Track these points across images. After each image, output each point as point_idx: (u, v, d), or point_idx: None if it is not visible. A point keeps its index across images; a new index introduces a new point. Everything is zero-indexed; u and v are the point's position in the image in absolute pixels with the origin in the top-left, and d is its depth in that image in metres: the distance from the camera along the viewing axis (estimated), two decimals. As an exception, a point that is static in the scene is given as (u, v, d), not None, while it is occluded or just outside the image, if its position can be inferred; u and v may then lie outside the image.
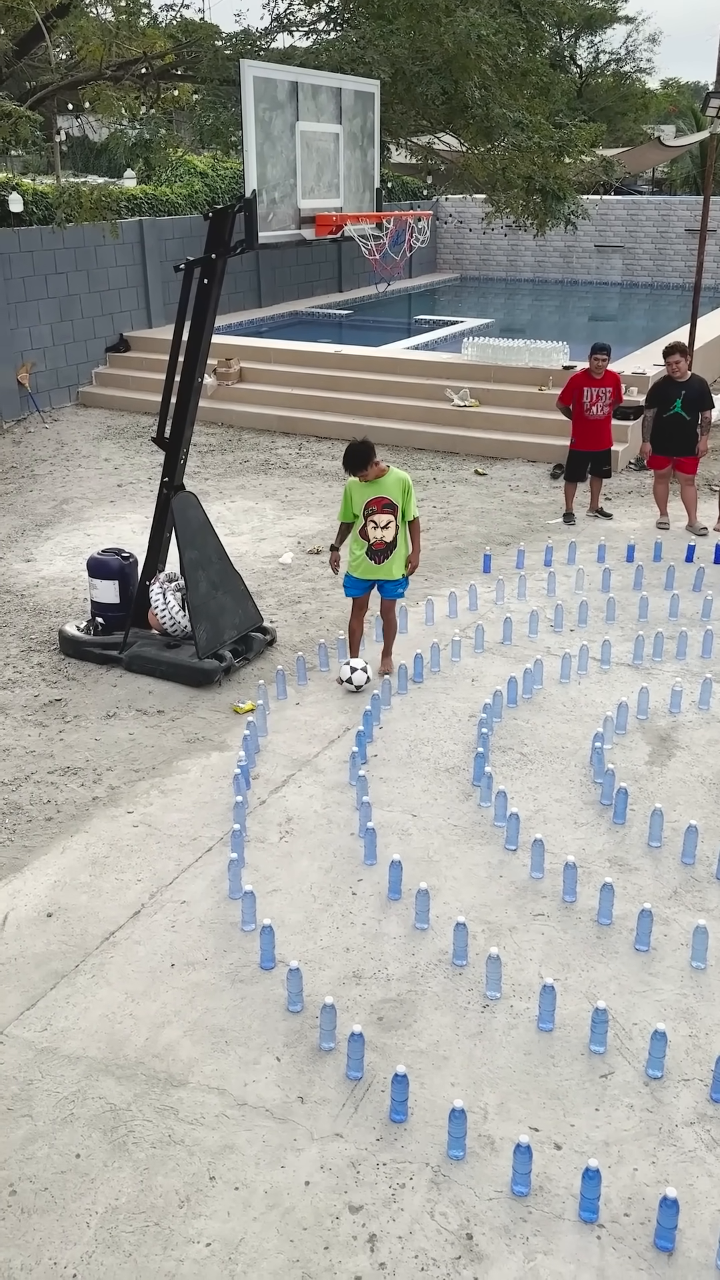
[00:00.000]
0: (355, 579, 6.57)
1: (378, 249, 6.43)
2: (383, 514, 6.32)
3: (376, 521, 6.32)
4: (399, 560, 6.47)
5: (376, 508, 6.31)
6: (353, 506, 6.37)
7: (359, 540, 6.40)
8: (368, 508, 6.30)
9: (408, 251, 6.59)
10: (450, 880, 4.84)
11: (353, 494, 6.35)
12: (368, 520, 6.32)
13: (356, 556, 6.46)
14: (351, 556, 6.50)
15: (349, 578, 6.61)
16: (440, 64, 10.82)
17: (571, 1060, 3.86)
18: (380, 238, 6.44)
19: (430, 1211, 3.32)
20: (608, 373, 9.33)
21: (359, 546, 6.42)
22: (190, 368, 6.61)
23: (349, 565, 6.56)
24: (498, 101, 11.40)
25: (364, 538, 6.37)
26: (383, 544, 6.37)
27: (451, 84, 10.90)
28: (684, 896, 4.74)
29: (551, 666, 6.87)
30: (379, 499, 6.30)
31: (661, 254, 22.76)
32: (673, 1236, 3.20)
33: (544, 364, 12.87)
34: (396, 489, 6.32)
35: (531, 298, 22.41)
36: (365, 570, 6.47)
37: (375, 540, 6.35)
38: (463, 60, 10.67)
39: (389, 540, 6.37)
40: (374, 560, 6.42)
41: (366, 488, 6.30)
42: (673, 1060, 3.84)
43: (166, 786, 5.62)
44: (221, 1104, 3.68)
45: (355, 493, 6.34)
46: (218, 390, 13.59)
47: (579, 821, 5.30)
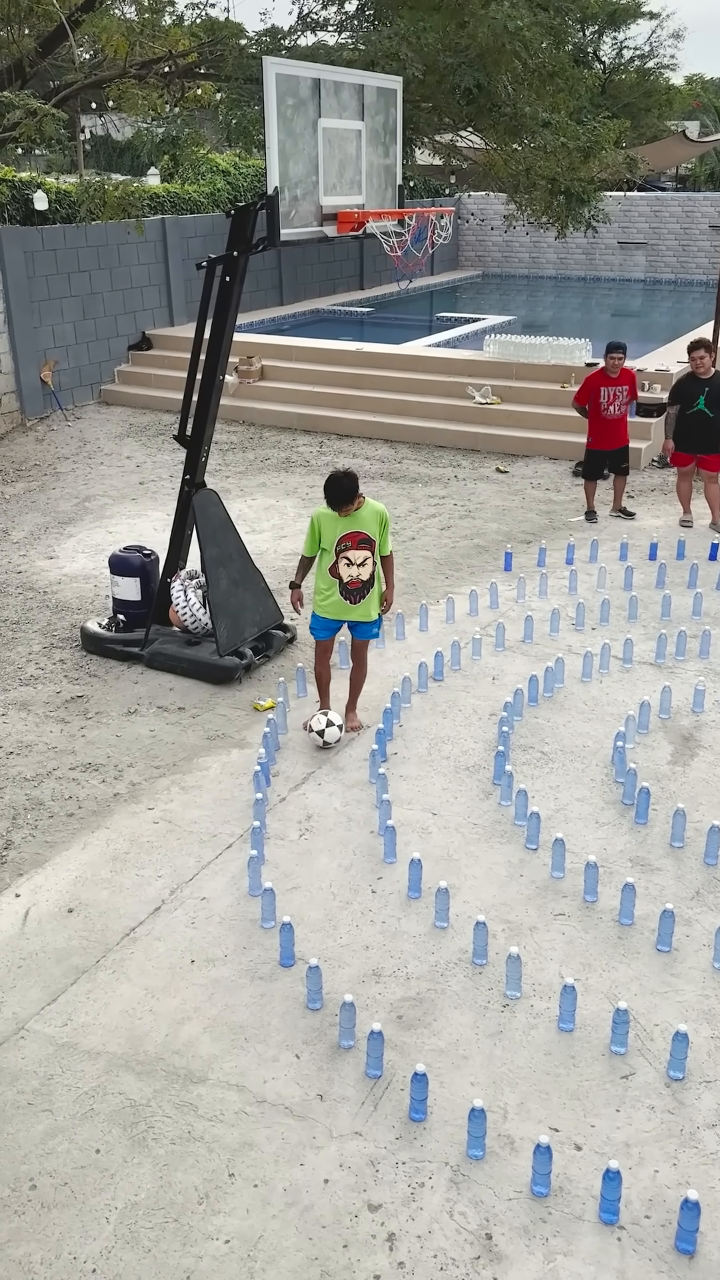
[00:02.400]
0: (325, 619, 5.91)
1: (399, 246, 6.41)
2: (359, 550, 5.69)
3: (351, 559, 5.68)
4: (375, 599, 5.86)
5: (352, 543, 5.67)
6: (321, 540, 5.74)
7: (328, 578, 5.75)
8: (341, 543, 5.65)
9: (429, 248, 6.57)
10: (470, 879, 4.82)
11: (322, 527, 5.71)
12: (340, 557, 5.68)
13: (326, 594, 5.81)
14: (318, 594, 5.87)
15: (316, 618, 5.95)
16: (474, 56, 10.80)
17: (592, 1061, 3.84)
18: (402, 234, 6.43)
19: (449, 1211, 3.31)
20: (624, 371, 9.28)
21: (328, 584, 5.78)
22: (212, 365, 6.62)
23: (315, 604, 5.91)
24: (526, 100, 11.38)
25: (335, 575, 5.72)
26: (358, 582, 5.74)
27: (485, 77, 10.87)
28: (706, 897, 4.71)
29: (573, 665, 6.83)
30: (355, 534, 5.65)
31: (685, 250, 22.61)
32: (694, 1239, 3.17)
33: (566, 361, 12.81)
34: (374, 523, 5.70)
35: (554, 294, 22.32)
36: (337, 610, 5.83)
37: (350, 579, 5.72)
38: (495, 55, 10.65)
39: (365, 578, 5.74)
40: (349, 600, 5.79)
41: (340, 521, 5.66)
42: (694, 1062, 3.81)
43: (187, 783, 5.63)
44: (241, 1101, 3.68)
45: (326, 526, 5.70)
46: (239, 388, 13.61)
47: (600, 821, 5.27)
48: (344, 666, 6.48)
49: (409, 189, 16.03)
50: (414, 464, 11.69)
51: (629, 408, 9.41)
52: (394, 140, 6.83)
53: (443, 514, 9.97)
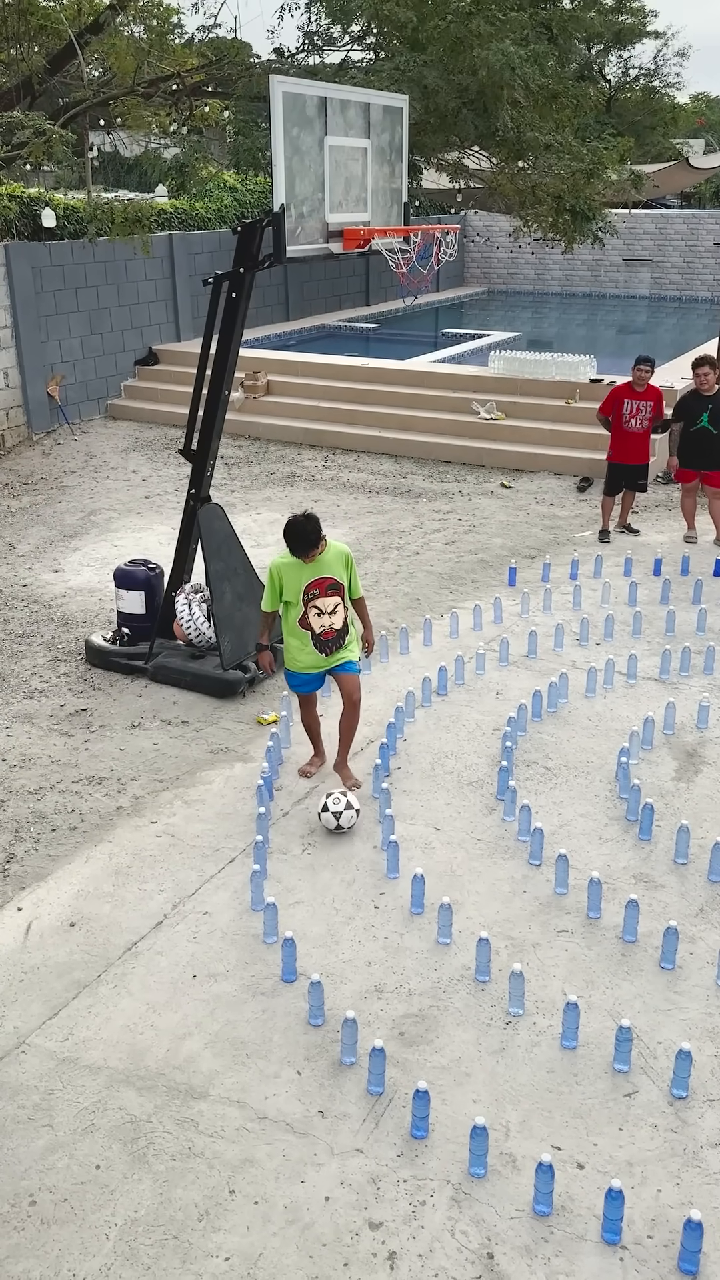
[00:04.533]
0: (303, 675, 5.46)
1: (405, 262, 6.44)
2: (327, 597, 5.25)
3: (320, 607, 5.24)
4: (354, 642, 5.48)
5: (319, 590, 5.24)
6: (284, 592, 5.28)
7: (298, 632, 5.30)
8: (307, 592, 5.22)
9: (435, 265, 6.61)
10: (473, 895, 4.81)
11: (284, 578, 5.26)
12: (308, 607, 5.24)
13: (299, 649, 5.36)
14: (290, 651, 5.42)
15: (293, 674, 5.49)
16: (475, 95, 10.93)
17: (595, 1079, 3.82)
18: (408, 251, 6.46)
19: (451, 1230, 3.29)
20: (650, 386, 9.23)
21: (299, 639, 5.33)
22: (218, 380, 6.65)
23: (289, 660, 5.45)
24: (529, 125, 11.49)
25: (305, 628, 5.27)
26: (332, 632, 5.31)
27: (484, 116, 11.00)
28: (710, 914, 4.69)
29: (577, 680, 6.83)
30: (321, 580, 5.23)
31: (690, 267, 22.70)
32: (697, 1260, 3.15)
33: (571, 377, 12.85)
34: (339, 564, 5.29)
35: (559, 311, 22.40)
36: (313, 663, 5.39)
37: (322, 629, 5.29)
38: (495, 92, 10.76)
39: (339, 626, 5.31)
40: (324, 651, 5.35)
41: (304, 568, 5.21)
42: (698, 1080, 3.79)
43: (190, 797, 5.63)
44: (242, 1117, 3.67)
45: (288, 576, 5.25)
46: (245, 403, 13.66)
47: (604, 837, 5.25)
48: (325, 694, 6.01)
49: (415, 208, 16.15)
50: (419, 479, 11.72)
51: (652, 424, 9.26)
52: (399, 158, 6.88)
53: (447, 529, 9.99)
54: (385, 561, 9.14)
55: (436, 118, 10.99)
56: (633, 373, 9.16)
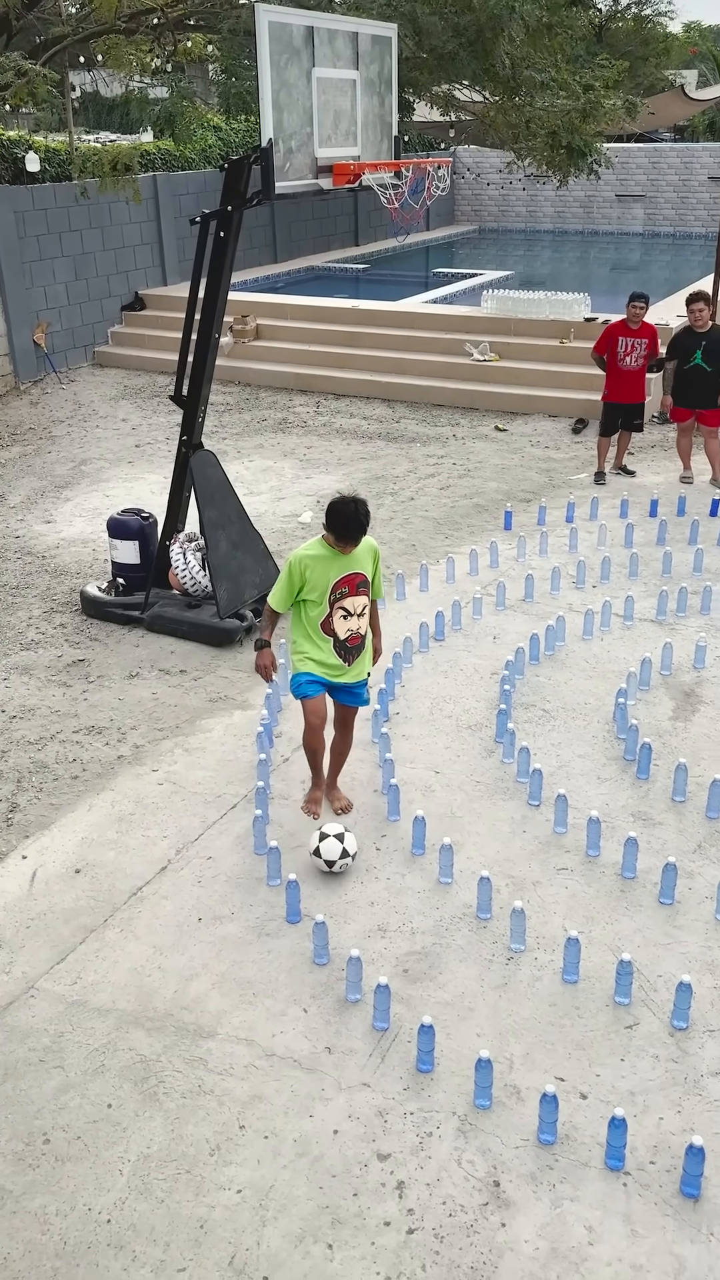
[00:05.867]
0: (316, 675, 4.66)
1: (396, 198, 6.31)
2: (356, 596, 4.54)
3: (348, 608, 4.53)
4: (368, 653, 4.78)
5: (349, 588, 4.51)
6: (305, 589, 4.50)
7: (320, 635, 4.57)
8: (335, 591, 4.49)
9: (427, 200, 6.47)
10: (473, 836, 4.85)
11: (308, 573, 4.47)
12: (334, 608, 4.51)
13: (316, 657, 4.63)
14: (302, 654, 4.66)
15: (300, 674, 4.67)
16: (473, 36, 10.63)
17: (596, 1011, 3.88)
18: (399, 186, 6.32)
19: (458, 1159, 3.36)
20: (644, 324, 9.07)
21: (318, 645, 4.60)
22: (207, 323, 6.54)
23: (297, 662, 4.69)
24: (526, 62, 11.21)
25: (328, 633, 4.56)
26: (358, 637, 4.63)
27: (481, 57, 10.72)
28: (709, 850, 4.74)
29: (574, 623, 6.82)
30: (352, 576, 4.52)
31: (684, 203, 22.29)
32: (699, 1184, 3.23)
33: (565, 316, 12.67)
34: (368, 559, 4.61)
35: (551, 249, 22.03)
36: (331, 671, 4.67)
37: (348, 634, 4.58)
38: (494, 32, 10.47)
39: (363, 631, 4.65)
40: (345, 659, 4.64)
41: (336, 562, 4.47)
42: (698, 1011, 3.85)
43: (190, 745, 5.65)
44: (250, 1055, 3.73)
45: (314, 571, 4.46)
46: (234, 348, 13.47)
47: (602, 777, 5.29)
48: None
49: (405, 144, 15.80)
50: (412, 423, 11.60)
51: (647, 362, 9.12)
52: (389, 90, 6.70)
53: (442, 473, 9.91)
54: (380, 508, 9.07)
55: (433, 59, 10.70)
56: (627, 310, 9.03)
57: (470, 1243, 3.12)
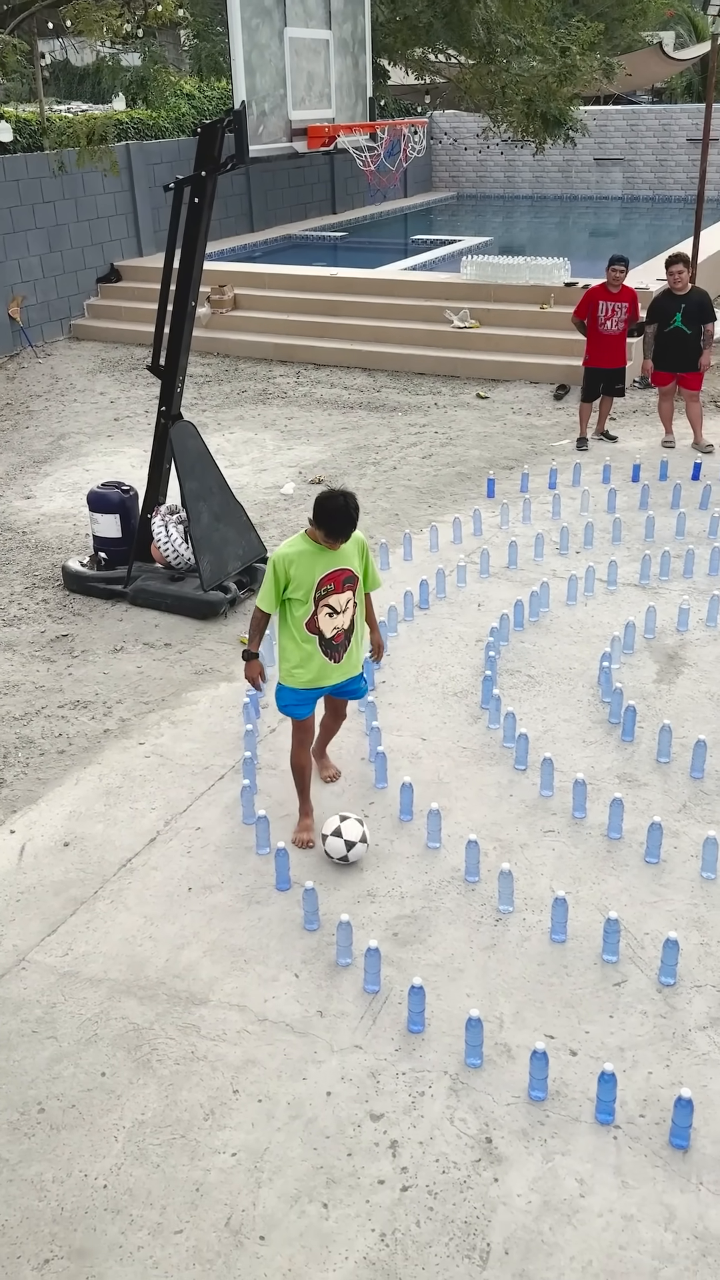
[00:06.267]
0: (304, 691, 4.46)
1: (372, 160, 6.23)
2: (342, 592, 4.32)
3: (334, 605, 4.31)
4: (359, 646, 4.53)
5: (334, 585, 4.30)
6: (289, 588, 4.27)
7: (304, 635, 4.33)
8: (320, 588, 4.27)
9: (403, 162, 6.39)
10: (461, 800, 4.87)
11: (293, 571, 4.24)
12: (319, 606, 4.29)
13: (302, 661, 4.38)
14: (288, 663, 4.42)
15: (290, 692, 4.47)
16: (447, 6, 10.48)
17: (585, 970, 3.92)
18: (375, 148, 6.24)
19: (450, 1118, 3.40)
20: (625, 288, 9.01)
21: (304, 643, 4.35)
22: (183, 291, 6.47)
23: (285, 674, 4.46)
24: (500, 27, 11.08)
25: (314, 631, 4.33)
26: (342, 634, 4.40)
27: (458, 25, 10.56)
28: (693, 809, 4.78)
29: (558, 589, 6.83)
30: (338, 573, 4.30)
31: (663, 165, 22.13)
32: (687, 1135, 3.28)
33: (545, 281, 12.59)
34: (356, 553, 4.39)
35: (530, 214, 21.86)
36: (320, 675, 4.42)
37: (333, 632, 4.35)
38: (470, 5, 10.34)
39: (348, 626, 4.41)
40: (332, 658, 4.40)
41: (322, 557, 4.26)
42: (684, 968, 3.89)
43: (176, 717, 5.64)
44: (243, 1020, 3.76)
45: (300, 569, 4.24)
46: (212, 319, 13.35)
47: (588, 740, 5.31)
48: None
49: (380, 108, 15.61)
50: (393, 392, 11.54)
51: (628, 326, 9.05)
52: (363, 50, 6.60)
53: (424, 442, 9.87)
54: (363, 478, 9.04)
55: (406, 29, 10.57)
56: (607, 274, 8.97)
57: (464, 1198, 3.16)
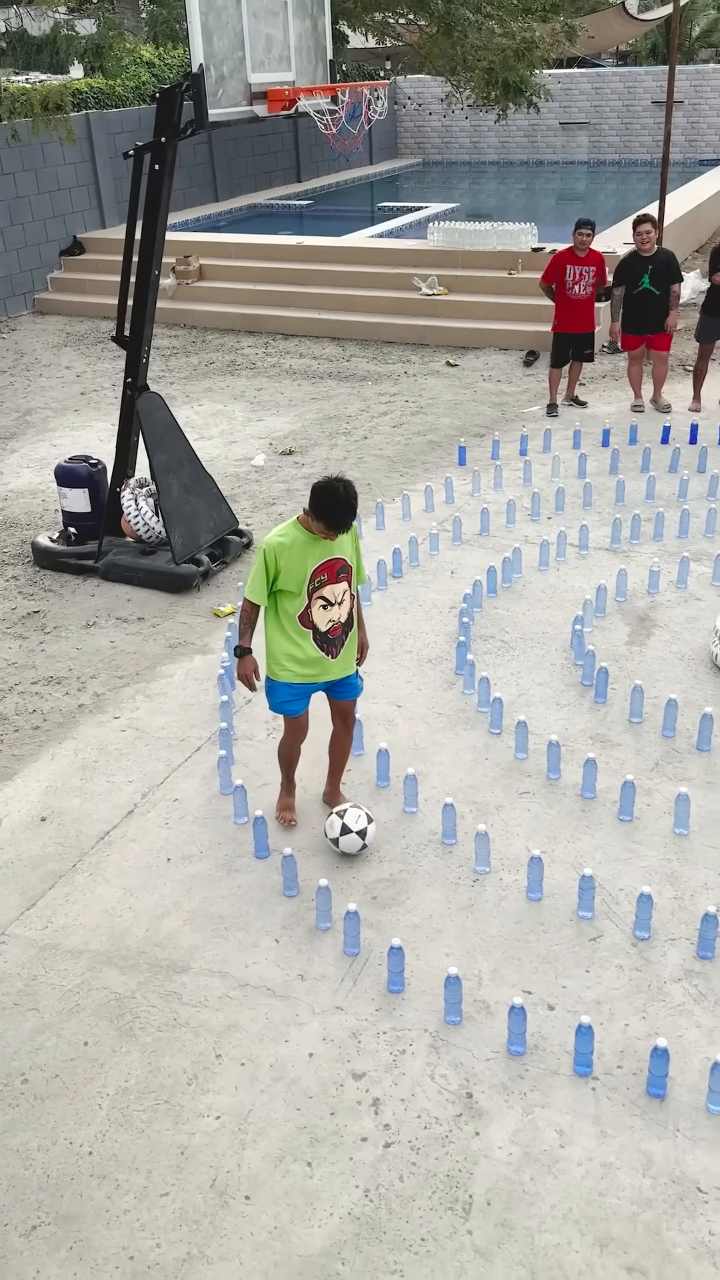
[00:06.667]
0: (298, 686, 4.25)
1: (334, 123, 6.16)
2: (336, 583, 4.12)
3: (328, 597, 4.11)
4: (353, 644, 4.32)
5: (328, 575, 4.10)
6: (280, 579, 4.06)
7: (298, 630, 4.13)
8: (314, 579, 4.08)
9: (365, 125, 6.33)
10: (437, 765, 4.90)
11: (283, 562, 4.03)
12: (313, 599, 4.10)
13: (295, 655, 4.17)
14: (279, 657, 4.20)
15: (283, 688, 4.25)
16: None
17: (561, 926, 3.97)
18: (336, 112, 6.17)
19: (431, 1074, 3.44)
20: (592, 251, 8.96)
21: (295, 640, 4.16)
22: (146, 260, 6.39)
23: (277, 669, 4.23)
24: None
25: (307, 625, 4.13)
26: (339, 627, 4.19)
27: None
28: (665, 767, 4.83)
29: (530, 554, 6.85)
30: (331, 562, 4.09)
31: (628, 129, 22.01)
32: (664, 1084, 3.34)
33: (513, 246, 12.53)
34: (348, 542, 4.19)
35: (497, 180, 21.71)
36: (316, 670, 4.22)
37: (329, 624, 4.15)
38: None
39: (345, 619, 4.20)
40: (328, 653, 4.20)
41: (312, 548, 4.05)
42: (659, 921, 3.95)
43: (151, 691, 5.63)
44: (224, 986, 3.78)
45: (290, 560, 4.03)
46: (178, 290, 13.20)
47: (561, 703, 5.35)
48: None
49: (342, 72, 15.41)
50: (363, 361, 11.47)
51: (596, 290, 9.02)
52: (322, 12, 6.50)
53: (394, 411, 9.84)
54: (334, 448, 9.00)
55: None
56: (574, 237, 8.92)
57: (446, 1152, 3.21)
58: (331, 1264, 2.93)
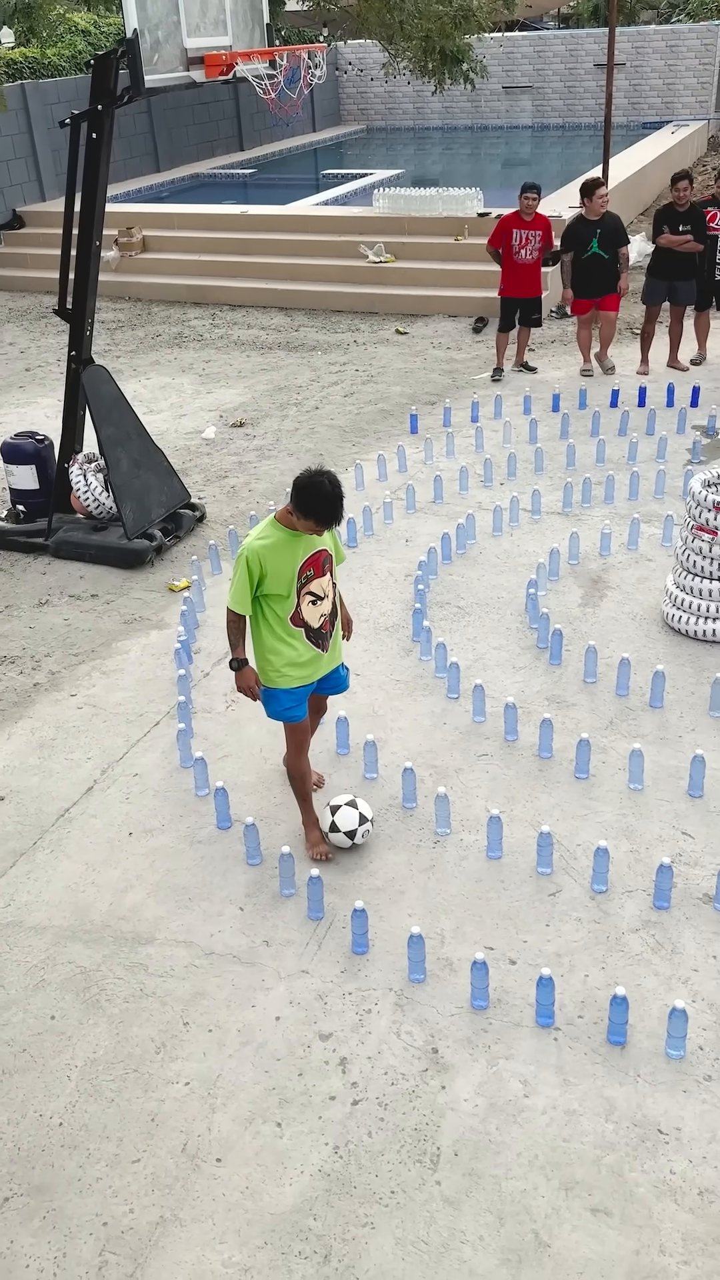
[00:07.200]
0: (299, 691, 4.05)
1: (273, 88, 6.08)
2: (322, 575, 3.95)
3: (315, 592, 3.94)
4: (339, 632, 4.18)
5: (314, 570, 3.91)
6: (266, 582, 3.83)
7: (289, 630, 3.93)
8: (301, 575, 3.88)
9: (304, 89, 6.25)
10: (396, 731, 4.94)
11: (267, 565, 3.80)
12: (302, 596, 3.90)
13: (292, 659, 3.96)
14: (278, 664, 3.96)
15: (283, 695, 4.03)
16: None
17: (521, 883, 4.04)
18: (275, 76, 6.09)
19: (397, 1032, 3.50)
20: (538, 215, 8.95)
21: (290, 642, 3.94)
22: (87, 230, 6.29)
23: (274, 676, 3.99)
24: None
25: (299, 624, 3.93)
26: (328, 621, 4.04)
27: None
28: (619, 725, 4.91)
29: (483, 520, 6.88)
30: (316, 556, 3.91)
31: (571, 92, 21.92)
32: (624, 1031, 3.42)
33: (459, 212, 12.48)
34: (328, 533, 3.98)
35: (441, 146, 21.56)
36: (311, 669, 4.04)
37: (321, 620, 3.99)
38: None
39: (330, 610, 4.05)
40: (321, 647, 4.03)
41: (295, 545, 3.83)
42: (615, 875, 4.03)
43: (108, 668, 5.60)
44: (190, 955, 3.80)
45: (275, 561, 3.80)
46: (121, 262, 13.00)
47: (517, 666, 5.40)
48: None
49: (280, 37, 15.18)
50: (312, 331, 11.40)
51: (542, 254, 9.04)
52: (258, -27, 6.41)
53: (345, 380, 9.79)
54: (285, 419, 8.96)
55: None
56: (519, 202, 8.90)
57: (413, 1107, 3.27)
58: (303, 1220, 2.98)
